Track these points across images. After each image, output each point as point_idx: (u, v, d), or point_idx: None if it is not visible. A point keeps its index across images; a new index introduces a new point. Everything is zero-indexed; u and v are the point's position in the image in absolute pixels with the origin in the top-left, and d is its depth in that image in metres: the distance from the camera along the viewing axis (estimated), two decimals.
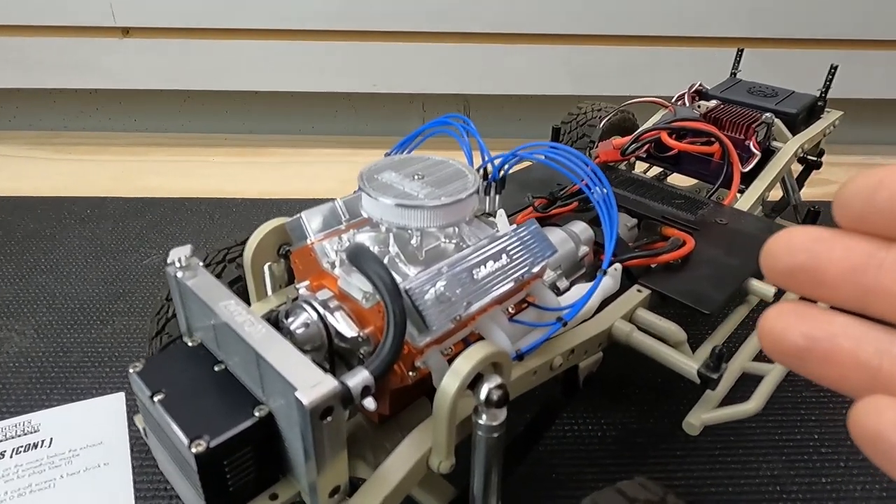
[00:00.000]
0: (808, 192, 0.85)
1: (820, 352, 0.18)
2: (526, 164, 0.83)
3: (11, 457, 0.56)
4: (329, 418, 0.28)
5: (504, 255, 0.36)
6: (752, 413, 0.44)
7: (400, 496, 0.34)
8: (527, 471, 0.56)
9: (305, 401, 0.27)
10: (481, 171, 0.43)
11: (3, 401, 0.62)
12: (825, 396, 0.65)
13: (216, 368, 0.34)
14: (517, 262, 0.37)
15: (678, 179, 0.77)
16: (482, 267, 0.35)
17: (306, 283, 0.39)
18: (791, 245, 0.18)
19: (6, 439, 0.58)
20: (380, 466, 0.34)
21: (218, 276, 0.53)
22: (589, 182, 0.39)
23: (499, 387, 0.32)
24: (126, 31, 1.12)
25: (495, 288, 0.36)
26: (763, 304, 0.56)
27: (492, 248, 0.36)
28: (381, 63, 1.16)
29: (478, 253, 0.36)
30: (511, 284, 0.37)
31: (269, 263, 0.44)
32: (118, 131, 1.27)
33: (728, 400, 0.48)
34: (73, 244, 0.89)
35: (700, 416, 0.44)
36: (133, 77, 1.17)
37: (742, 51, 0.88)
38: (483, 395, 0.32)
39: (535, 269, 0.39)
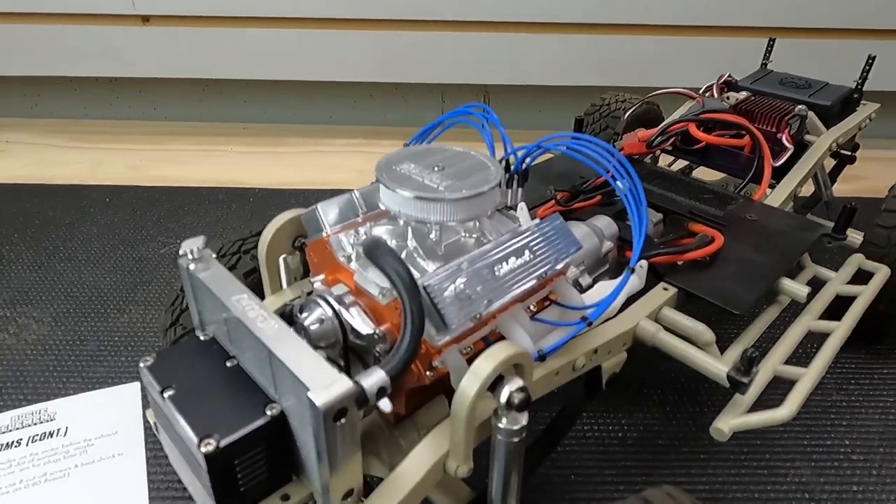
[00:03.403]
0: (841, 188, 0.82)
1: None
2: (547, 155, 0.81)
3: (28, 445, 0.56)
4: (343, 420, 0.27)
5: (527, 251, 0.35)
6: (784, 420, 0.42)
7: (416, 500, 0.32)
8: (544, 472, 0.55)
9: (318, 402, 0.26)
10: (503, 163, 0.41)
11: (20, 388, 0.62)
12: (856, 401, 0.62)
13: (228, 364, 0.33)
14: (540, 258, 0.35)
15: (704, 174, 0.75)
16: (504, 263, 0.34)
17: (321, 277, 0.37)
18: None
19: (23, 427, 0.58)
20: (396, 468, 0.33)
21: (232, 267, 0.52)
22: (615, 174, 0.38)
23: (521, 389, 0.30)
24: (146, 19, 1.12)
25: (517, 285, 0.34)
26: (796, 305, 0.54)
27: (514, 243, 0.35)
28: (400, 52, 1.15)
29: (499, 249, 0.34)
30: (534, 282, 0.36)
31: (284, 256, 0.43)
32: (138, 119, 1.27)
33: (756, 404, 0.46)
34: (91, 232, 0.89)
35: (729, 422, 0.42)
36: (152, 65, 1.17)
37: (774, 40, 0.85)
38: (504, 397, 0.30)
39: (559, 266, 0.37)
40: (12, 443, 0.56)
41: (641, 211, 0.37)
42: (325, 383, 0.27)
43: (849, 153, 0.79)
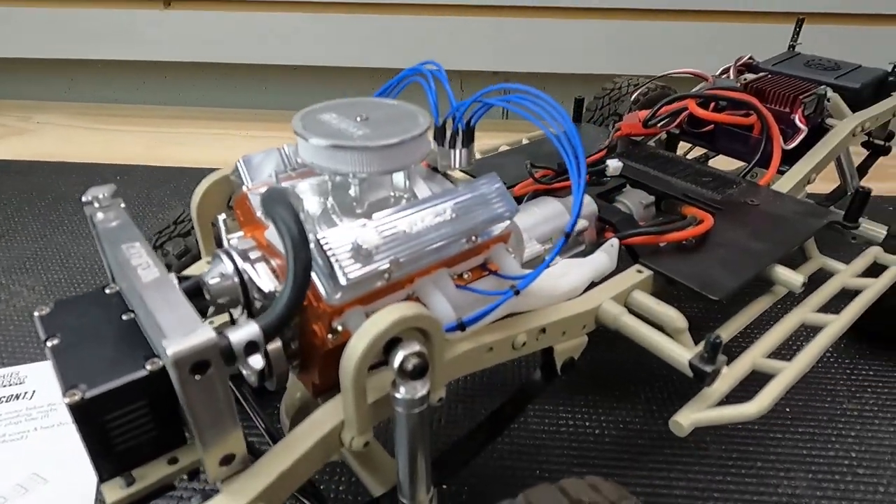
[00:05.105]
0: (879, 187, 0.74)
1: None
2: (539, 136, 0.77)
3: None
4: (202, 375, 0.25)
5: (450, 210, 0.32)
6: (752, 416, 0.37)
7: (305, 470, 0.30)
8: (508, 464, 0.51)
9: (171, 350, 0.24)
10: (449, 121, 0.38)
11: (0, 352, 0.63)
12: (870, 411, 0.56)
13: (124, 317, 0.31)
14: (468, 218, 0.32)
15: (724, 164, 0.69)
16: (420, 220, 0.31)
17: (240, 234, 0.35)
18: None
19: None
20: (287, 435, 0.30)
21: (188, 232, 0.51)
22: (557, 131, 0.34)
23: (417, 354, 0.27)
24: (167, 2, 1.14)
25: (436, 245, 0.31)
26: (791, 296, 0.49)
27: (436, 200, 0.32)
28: (415, 38, 1.12)
29: (419, 205, 0.31)
30: (461, 245, 0.33)
31: (223, 216, 0.41)
32: (162, 104, 1.30)
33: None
34: None
35: (690, 416, 0.37)
36: (174, 49, 1.18)
37: (802, 20, 0.78)
38: (397, 362, 0.27)
39: (495, 231, 0.34)
40: None
41: (580, 158, 0.33)
42: (184, 332, 0.24)
43: (883, 143, 0.72)
